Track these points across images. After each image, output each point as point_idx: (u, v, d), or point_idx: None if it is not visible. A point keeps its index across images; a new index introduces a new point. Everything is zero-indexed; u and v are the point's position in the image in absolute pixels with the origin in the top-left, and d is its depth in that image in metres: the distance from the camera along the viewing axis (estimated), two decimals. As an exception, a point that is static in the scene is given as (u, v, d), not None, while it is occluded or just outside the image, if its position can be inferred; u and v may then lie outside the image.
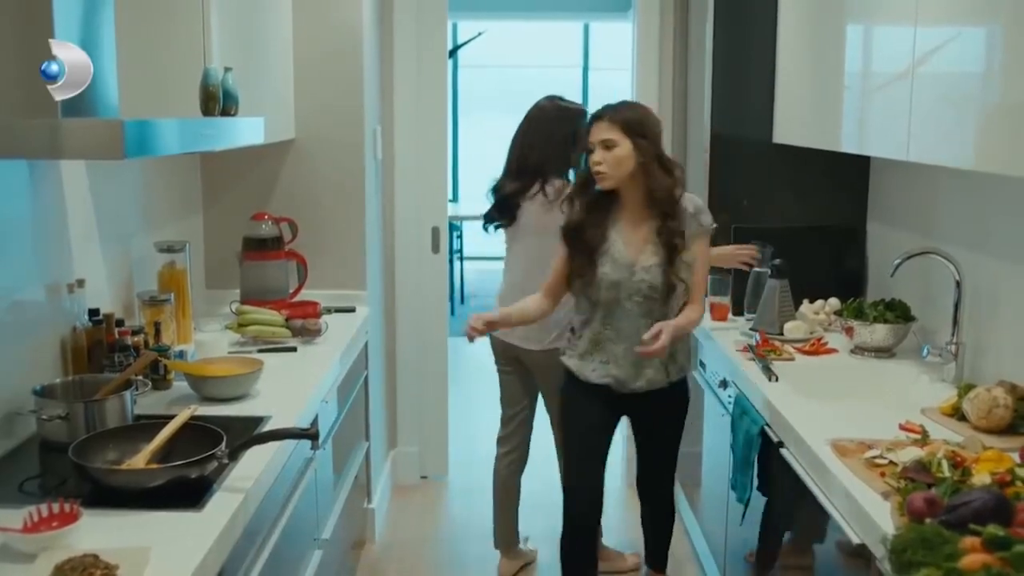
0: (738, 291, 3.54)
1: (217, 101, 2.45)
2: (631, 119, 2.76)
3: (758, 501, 2.74)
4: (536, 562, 3.83)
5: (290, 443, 2.29)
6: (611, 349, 2.88)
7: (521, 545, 3.83)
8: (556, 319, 3.19)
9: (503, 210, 3.41)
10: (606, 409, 2.99)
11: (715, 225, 2.90)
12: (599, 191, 2.82)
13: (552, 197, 3.26)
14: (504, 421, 3.69)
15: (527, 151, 3.35)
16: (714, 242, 3.66)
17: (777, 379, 2.76)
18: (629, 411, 3.06)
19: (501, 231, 3.49)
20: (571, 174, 3.36)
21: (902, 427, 2.30)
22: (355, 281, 3.77)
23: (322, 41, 3.66)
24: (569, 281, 2.90)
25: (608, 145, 2.73)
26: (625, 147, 2.73)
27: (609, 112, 2.78)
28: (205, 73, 2.44)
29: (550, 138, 3.34)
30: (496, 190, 3.43)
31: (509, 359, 3.55)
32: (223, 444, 1.99)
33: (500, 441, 3.72)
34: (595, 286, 2.82)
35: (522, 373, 3.55)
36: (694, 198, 2.87)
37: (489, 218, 3.48)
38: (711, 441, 3.49)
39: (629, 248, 2.81)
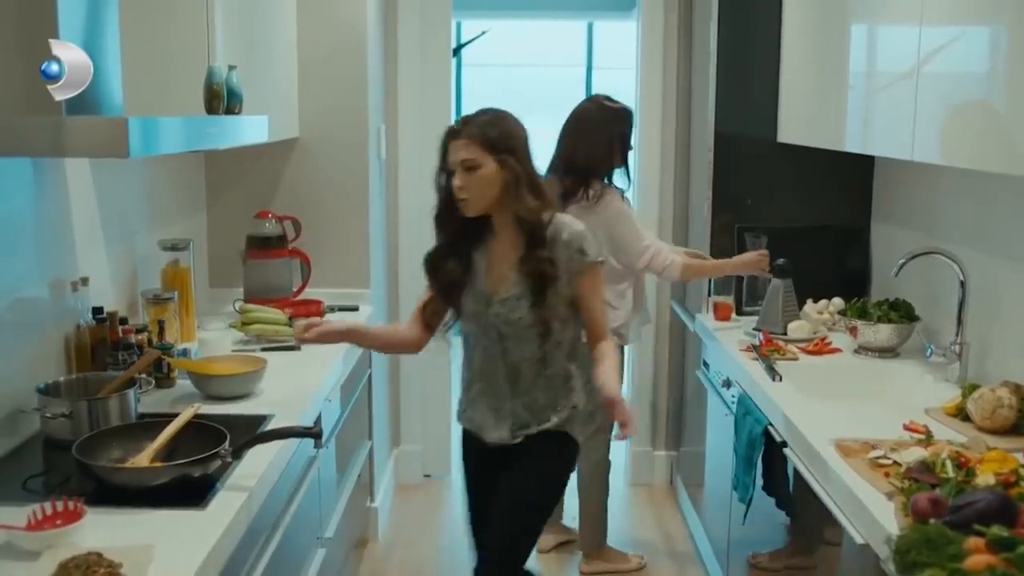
0: (740, 290, 3.54)
1: (221, 99, 2.45)
2: (493, 135, 2.32)
3: (761, 501, 2.74)
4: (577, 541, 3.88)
5: (293, 442, 2.29)
6: (472, 390, 2.52)
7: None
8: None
9: None
10: (478, 455, 2.57)
11: (600, 258, 2.42)
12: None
13: (591, 200, 3.36)
14: None
15: (572, 152, 3.43)
16: (717, 243, 3.68)
17: (781, 379, 2.76)
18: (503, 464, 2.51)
19: None
20: (614, 176, 3.46)
21: (906, 427, 2.29)
22: (358, 280, 3.77)
23: (326, 40, 3.66)
24: (433, 311, 2.54)
25: (470, 166, 2.31)
26: (489, 167, 2.31)
27: (467, 127, 2.35)
28: (209, 71, 2.44)
29: (596, 140, 3.41)
30: None
31: None
32: (227, 443, 1.99)
33: None
34: (462, 319, 2.50)
35: None
36: (573, 224, 2.41)
37: None
38: (714, 441, 3.49)
39: (489, 279, 2.43)
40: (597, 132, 3.43)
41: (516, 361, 2.43)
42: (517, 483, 2.47)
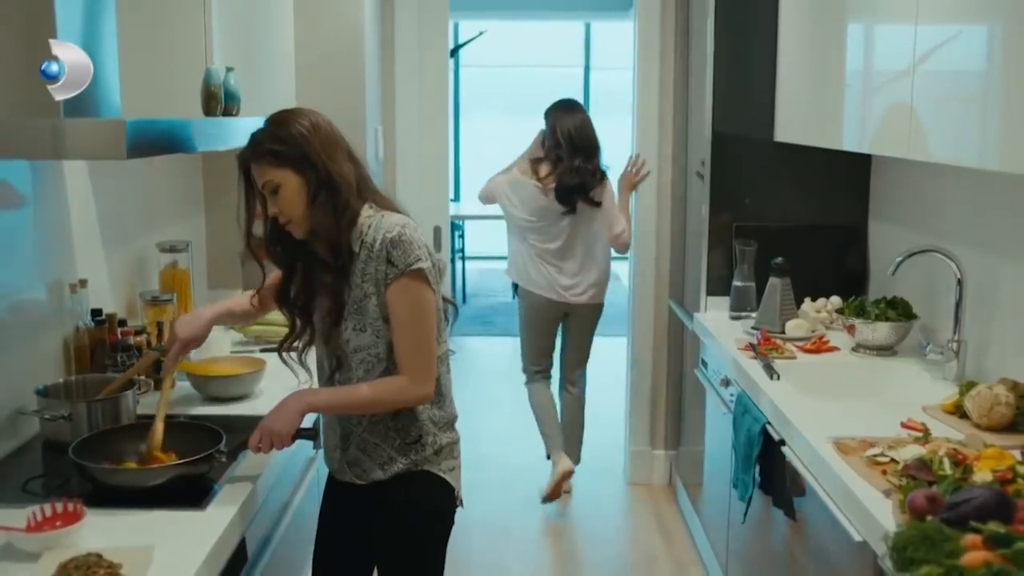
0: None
1: (219, 101, 2.46)
2: (278, 147, 1.99)
3: (759, 499, 2.75)
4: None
5: (292, 442, 2.29)
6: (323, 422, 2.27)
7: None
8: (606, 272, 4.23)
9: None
10: (334, 496, 2.29)
11: (419, 266, 2.00)
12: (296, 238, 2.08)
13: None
14: (536, 363, 4.38)
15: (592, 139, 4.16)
16: (714, 242, 3.69)
17: (779, 377, 2.76)
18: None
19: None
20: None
21: (904, 425, 2.30)
22: (357, 281, 3.77)
23: (323, 41, 3.66)
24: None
25: (272, 189, 2.00)
26: (291, 182, 1.99)
27: (253, 147, 2.02)
28: (207, 73, 2.44)
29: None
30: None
31: (555, 319, 4.28)
32: (222, 443, 2.00)
33: (535, 375, 4.39)
34: None
35: (556, 328, 4.35)
36: (391, 228, 2.02)
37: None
38: (713, 440, 3.50)
39: (321, 303, 2.14)
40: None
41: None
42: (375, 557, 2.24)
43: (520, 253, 4.23)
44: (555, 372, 4.46)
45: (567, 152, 4.01)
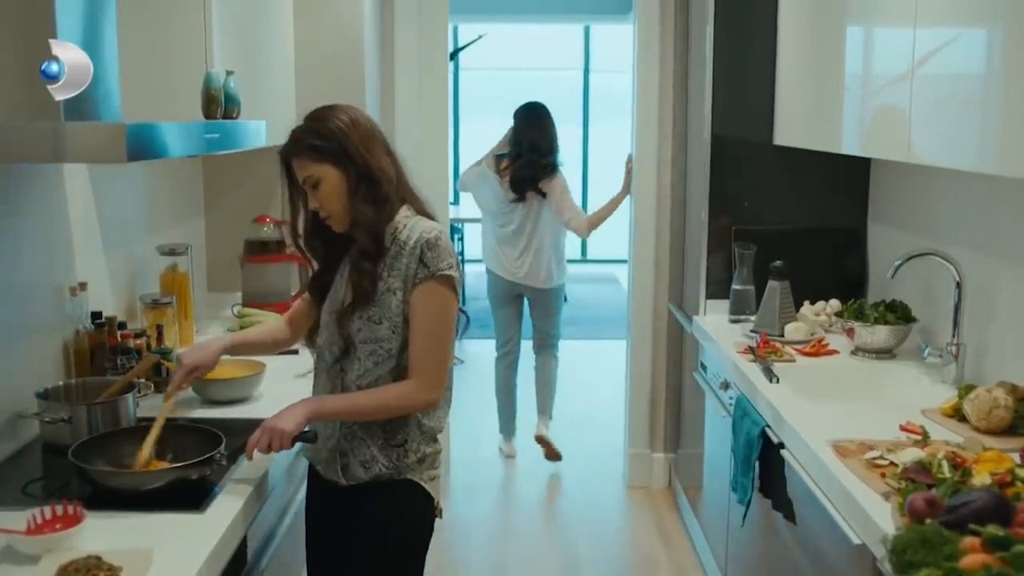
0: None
1: (219, 104, 2.46)
2: (317, 142, 2.04)
3: (759, 502, 2.75)
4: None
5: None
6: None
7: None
8: (549, 257, 4.75)
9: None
10: (318, 499, 2.25)
11: (449, 272, 2.04)
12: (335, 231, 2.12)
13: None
14: (503, 337, 5.00)
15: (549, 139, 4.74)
16: (713, 245, 3.70)
17: (778, 380, 2.76)
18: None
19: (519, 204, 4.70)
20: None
21: (902, 428, 2.30)
22: (357, 283, 3.77)
23: (323, 44, 3.67)
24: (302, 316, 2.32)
25: (313, 184, 2.05)
26: (331, 177, 2.03)
27: (293, 144, 2.07)
28: (207, 77, 2.45)
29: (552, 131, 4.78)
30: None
31: (512, 296, 4.89)
32: (222, 446, 2.00)
33: (503, 352, 4.98)
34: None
35: (517, 306, 4.95)
36: (427, 230, 2.05)
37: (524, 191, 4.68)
38: (712, 443, 3.50)
39: (337, 291, 2.16)
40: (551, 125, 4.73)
41: (326, 391, 2.14)
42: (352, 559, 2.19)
43: (487, 236, 4.89)
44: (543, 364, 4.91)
45: (527, 150, 4.61)
